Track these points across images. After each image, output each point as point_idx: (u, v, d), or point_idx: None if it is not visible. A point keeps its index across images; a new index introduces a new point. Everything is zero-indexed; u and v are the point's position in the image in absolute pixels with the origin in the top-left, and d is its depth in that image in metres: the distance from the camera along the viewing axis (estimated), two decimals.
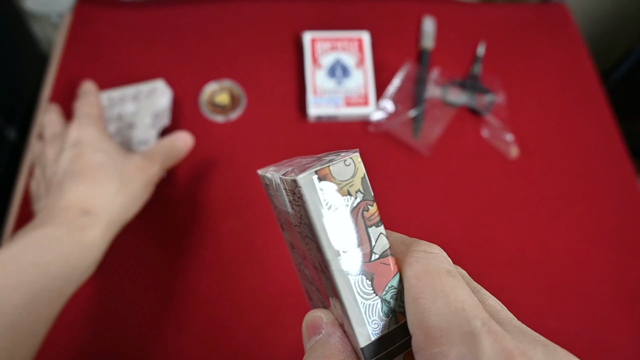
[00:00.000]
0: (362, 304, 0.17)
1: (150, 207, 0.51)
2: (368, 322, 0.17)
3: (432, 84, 0.58)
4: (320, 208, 0.17)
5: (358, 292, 0.17)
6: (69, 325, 0.45)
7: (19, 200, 0.50)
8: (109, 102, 0.53)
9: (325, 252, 0.17)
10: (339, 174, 0.17)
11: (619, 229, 0.54)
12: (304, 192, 0.16)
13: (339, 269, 0.17)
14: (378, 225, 0.18)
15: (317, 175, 0.16)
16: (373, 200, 0.18)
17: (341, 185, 0.17)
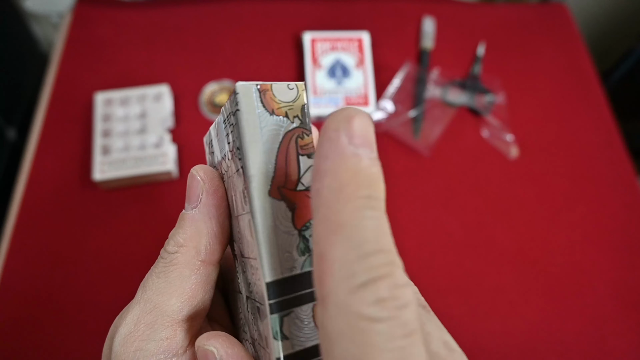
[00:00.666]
0: (278, 233, 0.15)
1: (151, 207, 0.51)
2: (281, 255, 0.15)
3: (432, 84, 0.58)
4: (255, 120, 0.16)
5: (276, 219, 0.15)
6: (78, 331, 0.45)
7: (19, 200, 0.50)
8: (109, 101, 0.53)
9: (249, 167, 0.15)
10: (280, 94, 0.16)
11: (619, 229, 0.54)
12: (240, 100, 0.16)
13: (260, 188, 0.15)
14: (311, 156, 0.16)
15: (258, 88, 0.16)
16: (310, 131, 0.17)
17: (280, 105, 0.16)
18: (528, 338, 0.48)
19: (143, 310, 0.18)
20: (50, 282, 0.47)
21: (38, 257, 0.48)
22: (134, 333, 0.17)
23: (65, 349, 0.44)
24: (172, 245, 0.19)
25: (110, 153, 0.51)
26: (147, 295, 0.18)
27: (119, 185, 0.51)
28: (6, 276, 0.47)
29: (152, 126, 0.52)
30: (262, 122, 0.16)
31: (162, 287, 0.18)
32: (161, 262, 0.19)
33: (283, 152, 0.16)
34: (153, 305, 0.18)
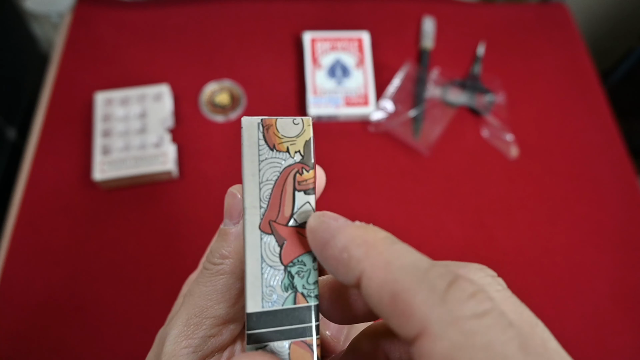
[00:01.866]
0: (264, 266, 0.16)
1: (151, 207, 0.51)
2: (264, 289, 0.16)
3: (432, 84, 0.58)
4: (254, 154, 0.17)
5: (264, 252, 0.16)
6: (79, 330, 0.45)
7: (19, 200, 0.50)
8: (109, 101, 0.53)
9: (245, 198, 0.16)
10: (284, 129, 0.17)
11: (619, 229, 0.54)
12: (243, 134, 0.17)
13: (252, 220, 0.16)
14: (308, 192, 0.17)
15: (262, 123, 0.17)
16: (311, 167, 0.17)
17: (281, 141, 0.17)
18: None
19: (191, 313, 0.19)
20: (51, 282, 0.47)
21: (38, 257, 0.48)
22: (184, 332, 0.19)
23: (65, 348, 0.44)
24: (218, 258, 0.19)
25: (110, 153, 0.51)
26: (194, 300, 0.19)
27: (119, 185, 0.51)
28: (6, 276, 0.47)
29: (152, 126, 0.52)
30: (261, 156, 0.17)
31: (210, 294, 0.19)
32: (206, 272, 0.19)
33: (279, 186, 0.17)
34: (201, 309, 0.19)
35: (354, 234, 0.14)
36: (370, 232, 0.14)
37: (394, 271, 0.12)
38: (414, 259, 0.13)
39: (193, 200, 0.51)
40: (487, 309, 0.11)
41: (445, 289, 0.11)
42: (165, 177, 0.52)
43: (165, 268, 0.48)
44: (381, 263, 0.13)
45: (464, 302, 0.11)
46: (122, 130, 0.52)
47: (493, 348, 0.11)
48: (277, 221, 0.16)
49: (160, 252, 0.49)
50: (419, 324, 0.11)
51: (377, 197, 0.53)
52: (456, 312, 0.11)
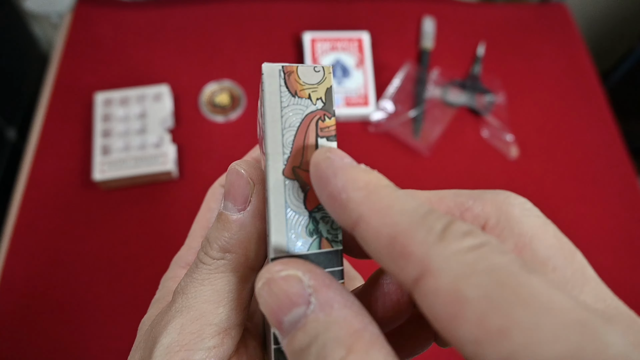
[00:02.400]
0: (288, 212, 0.16)
1: (151, 207, 0.51)
2: (288, 234, 0.15)
3: (432, 84, 0.58)
4: (276, 100, 0.16)
5: (288, 198, 0.16)
6: (81, 329, 0.45)
7: (19, 200, 0.50)
8: (109, 101, 0.53)
9: (268, 144, 0.16)
10: (305, 76, 0.17)
11: (619, 229, 0.54)
12: (264, 80, 0.17)
13: (276, 166, 0.16)
14: (331, 139, 0.16)
15: (283, 69, 0.17)
16: (333, 114, 0.17)
17: (303, 87, 0.17)
18: None
19: (187, 318, 0.16)
20: (50, 282, 0.47)
21: (38, 257, 0.48)
22: (179, 342, 0.16)
23: (66, 348, 0.44)
24: (217, 251, 0.17)
25: (110, 153, 0.51)
26: (189, 302, 0.16)
27: (119, 185, 0.51)
28: (6, 276, 0.47)
29: (152, 126, 0.52)
30: (283, 103, 0.16)
31: (208, 296, 0.16)
32: (204, 268, 0.17)
33: (302, 133, 0.16)
34: (199, 313, 0.16)
35: (356, 176, 0.13)
36: (373, 177, 0.13)
37: (392, 215, 0.12)
38: (415, 205, 0.12)
39: (193, 201, 0.51)
40: (484, 241, 0.11)
41: (442, 229, 0.11)
42: (165, 178, 0.52)
43: (165, 268, 0.48)
44: (380, 207, 0.12)
45: (461, 238, 0.11)
46: (122, 130, 0.52)
47: (496, 270, 0.11)
48: (301, 167, 0.16)
49: (160, 252, 0.49)
50: (419, 264, 0.11)
51: None
52: (454, 247, 0.11)
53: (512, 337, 0.10)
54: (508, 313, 0.10)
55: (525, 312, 0.10)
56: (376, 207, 0.12)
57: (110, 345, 0.45)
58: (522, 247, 0.14)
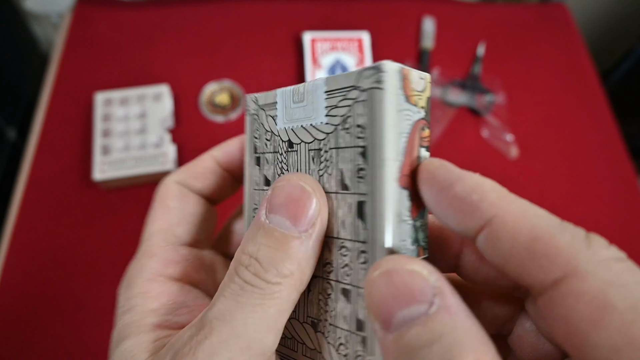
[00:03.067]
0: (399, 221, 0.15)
1: None
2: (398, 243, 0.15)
3: (432, 84, 0.58)
4: (394, 103, 0.15)
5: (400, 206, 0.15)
6: (81, 327, 0.45)
7: (19, 200, 0.50)
8: (109, 101, 0.53)
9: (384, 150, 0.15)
10: (414, 82, 0.16)
11: (619, 229, 0.54)
12: (385, 79, 0.15)
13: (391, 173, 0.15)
14: (427, 150, 0.16)
15: (402, 71, 0.15)
16: (429, 124, 0.16)
17: (413, 93, 0.16)
18: None
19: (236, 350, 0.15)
20: (50, 282, 0.47)
21: (38, 257, 0.48)
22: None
23: (66, 348, 0.44)
24: (275, 275, 0.15)
25: (110, 153, 0.51)
26: (237, 331, 0.15)
27: (119, 185, 0.51)
28: (6, 276, 0.47)
29: (152, 126, 0.52)
30: (400, 106, 0.15)
31: (259, 324, 0.15)
32: (256, 292, 0.15)
33: (411, 140, 0.16)
34: (248, 344, 0.15)
35: (483, 180, 0.13)
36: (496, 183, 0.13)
37: (531, 217, 0.12)
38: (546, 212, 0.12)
39: None
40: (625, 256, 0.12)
41: (586, 236, 0.12)
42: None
43: None
44: (516, 209, 0.12)
45: (606, 248, 0.12)
46: (122, 130, 0.52)
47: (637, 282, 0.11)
48: (410, 175, 0.15)
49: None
50: (565, 265, 0.11)
51: None
52: (602, 255, 0.11)
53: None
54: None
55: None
56: (512, 208, 0.12)
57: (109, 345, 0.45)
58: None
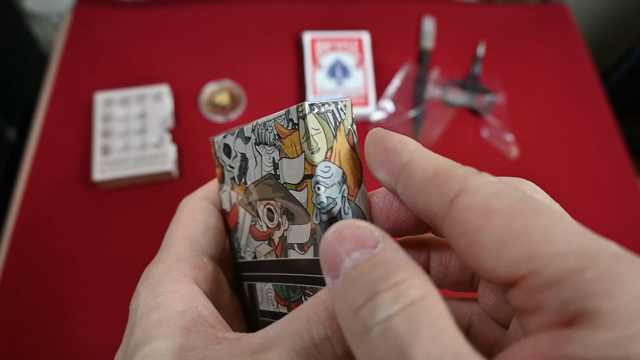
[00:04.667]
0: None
1: (151, 207, 0.51)
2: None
3: (432, 84, 0.58)
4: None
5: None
6: (81, 327, 0.45)
7: (19, 200, 0.50)
8: (109, 101, 0.53)
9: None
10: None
11: (619, 229, 0.54)
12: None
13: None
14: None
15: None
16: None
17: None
18: None
19: None
20: (50, 282, 0.47)
21: (38, 257, 0.48)
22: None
23: (65, 348, 0.44)
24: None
25: (110, 153, 0.51)
26: None
27: (119, 185, 0.51)
28: (6, 276, 0.47)
29: (152, 126, 0.52)
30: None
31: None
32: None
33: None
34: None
35: (406, 137, 0.17)
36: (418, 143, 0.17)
37: (437, 159, 0.16)
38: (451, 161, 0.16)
39: None
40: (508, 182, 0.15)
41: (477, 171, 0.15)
42: (165, 178, 0.52)
43: None
44: (427, 154, 0.16)
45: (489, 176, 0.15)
46: (122, 130, 0.52)
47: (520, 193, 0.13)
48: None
49: None
50: (458, 185, 0.14)
51: None
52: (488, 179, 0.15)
53: (532, 236, 0.12)
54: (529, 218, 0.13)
55: (543, 219, 0.13)
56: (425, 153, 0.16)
57: (110, 344, 0.45)
58: None
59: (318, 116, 0.17)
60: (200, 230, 0.22)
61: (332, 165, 0.17)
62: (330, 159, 0.17)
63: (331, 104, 0.18)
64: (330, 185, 0.17)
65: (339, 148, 0.18)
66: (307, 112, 0.17)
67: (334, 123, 0.18)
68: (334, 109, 0.18)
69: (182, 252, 0.21)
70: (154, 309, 0.18)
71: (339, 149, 0.18)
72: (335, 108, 0.18)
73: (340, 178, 0.18)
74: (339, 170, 0.18)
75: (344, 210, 0.17)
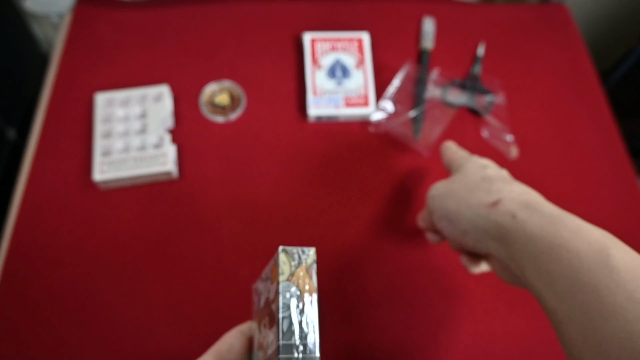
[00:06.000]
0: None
1: (151, 207, 0.51)
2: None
3: (432, 84, 0.58)
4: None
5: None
6: (80, 325, 0.45)
7: (19, 200, 0.50)
8: (110, 102, 0.53)
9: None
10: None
11: (619, 229, 0.53)
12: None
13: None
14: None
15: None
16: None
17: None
18: (528, 338, 0.48)
19: None
20: (50, 282, 0.47)
21: (38, 257, 0.48)
22: None
23: (66, 348, 0.44)
24: None
25: (110, 153, 0.51)
26: None
27: (119, 186, 0.51)
28: (6, 276, 0.47)
29: (152, 126, 0.52)
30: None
31: None
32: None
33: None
34: None
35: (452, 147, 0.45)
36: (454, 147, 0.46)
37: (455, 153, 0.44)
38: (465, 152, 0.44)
39: (193, 201, 0.51)
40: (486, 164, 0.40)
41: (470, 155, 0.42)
42: (165, 178, 0.52)
43: (165, 268, 0.48)
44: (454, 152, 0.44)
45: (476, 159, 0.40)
46: (122, 130, 0.52)
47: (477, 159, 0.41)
48: None
49: (160, 253, 0.49)
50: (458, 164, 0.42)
51: (377, 197, 0.53)
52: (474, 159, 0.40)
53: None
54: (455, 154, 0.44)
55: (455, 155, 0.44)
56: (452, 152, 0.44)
57: (110, 345, 0.45)
58: None
59: (286, 254, 0.27)
60: (226, 349, 0.31)
61: (291, 284, 0.26)
62: (291, 280, 0.26)
63: (299, 249, 0.27)
64: (288, 297, 0.26)
65: (299, 276, 0.27)
66: (279, 252, 0.27)
67: (297, 260, 0.27)
68: (299, 253, 0.27)
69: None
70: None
71: (299, 276, 0.27)
72: (301, 252, 0.27)
73: (296, 294, 0.26)
74: (296, 289, 0.26)
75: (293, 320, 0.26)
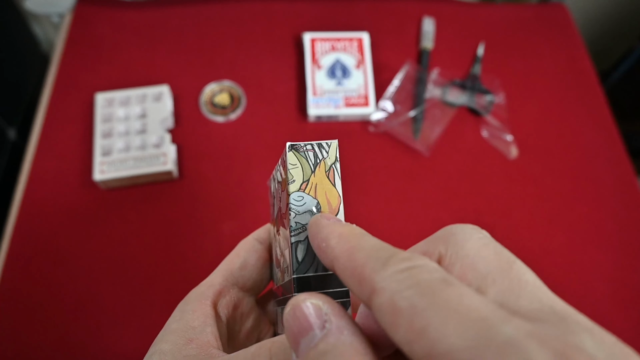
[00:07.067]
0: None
1: (151, 207, 0.51)
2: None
3: (432, 84, 0.58)
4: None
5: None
6: (80, 325, 0.45)
7: (19, 200, 0.50)
8: (110, 102, 0.53)
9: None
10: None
11: (619, 229, 0.54)
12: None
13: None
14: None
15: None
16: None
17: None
18: None
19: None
20: (51, 281, 0.47)
21: (38, 257, 0.48)
22: None
23: (66, 348, 0.44)
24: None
25: (110, 153, 0.51)
26: None
27: (119, 185, 0.51)
28: (6, 276, 0.47)
29: (153, 126, 0.52)
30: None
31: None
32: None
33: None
34: None
35: (333, 229, 0.17)
36: (346, 228, 0.17)
37: (354, 253, 0.16)
38: (373, 243, 0.16)
39: (193, 201, 0.51)
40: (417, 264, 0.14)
41: (386, 258, 0.15)
42: (165, 178, 0.52)
43: (165, 268, 0.48)
44: (347, 249, 0.16)
45: (398, 263, 0.14)
46: (123, 130, 0.52)
47: (420, 285, 0.14)
48: None
49: (160, 252, 0.49)
50: (369, 286, 0.15)
51: (377, 197, 0.53)
52: (392, 270, 0.14)
53: (429, 334, 0.13)
54: (426, 316, 0.13)
55: (437, 314, 0.13)
56: (344, 249, 0.16)
57: (110, 344, 0.45)
58: (466, 267, 0.16)
59: (296, 153, 0.20)
60: (239, 265, 0.26)
61: (306, 195, 0.20)
62: (304, 190, 0.20)
63: (314, 144, 0.20)
64: (302, 212, 0.20)
65: (316, 182, 0.20)
66: (287, 151, 0.20)
67: (313, 160, 0.20)
68: (316, 149, 0.20)
69: (215, 280, 0.25)
70: (176, 321, 0.23)
71: (315, 182, 0.20)
72: (318, 148, 0.20)
73: (313, 207, 0.20)
74: (313, 200, 0.20)
75: None
